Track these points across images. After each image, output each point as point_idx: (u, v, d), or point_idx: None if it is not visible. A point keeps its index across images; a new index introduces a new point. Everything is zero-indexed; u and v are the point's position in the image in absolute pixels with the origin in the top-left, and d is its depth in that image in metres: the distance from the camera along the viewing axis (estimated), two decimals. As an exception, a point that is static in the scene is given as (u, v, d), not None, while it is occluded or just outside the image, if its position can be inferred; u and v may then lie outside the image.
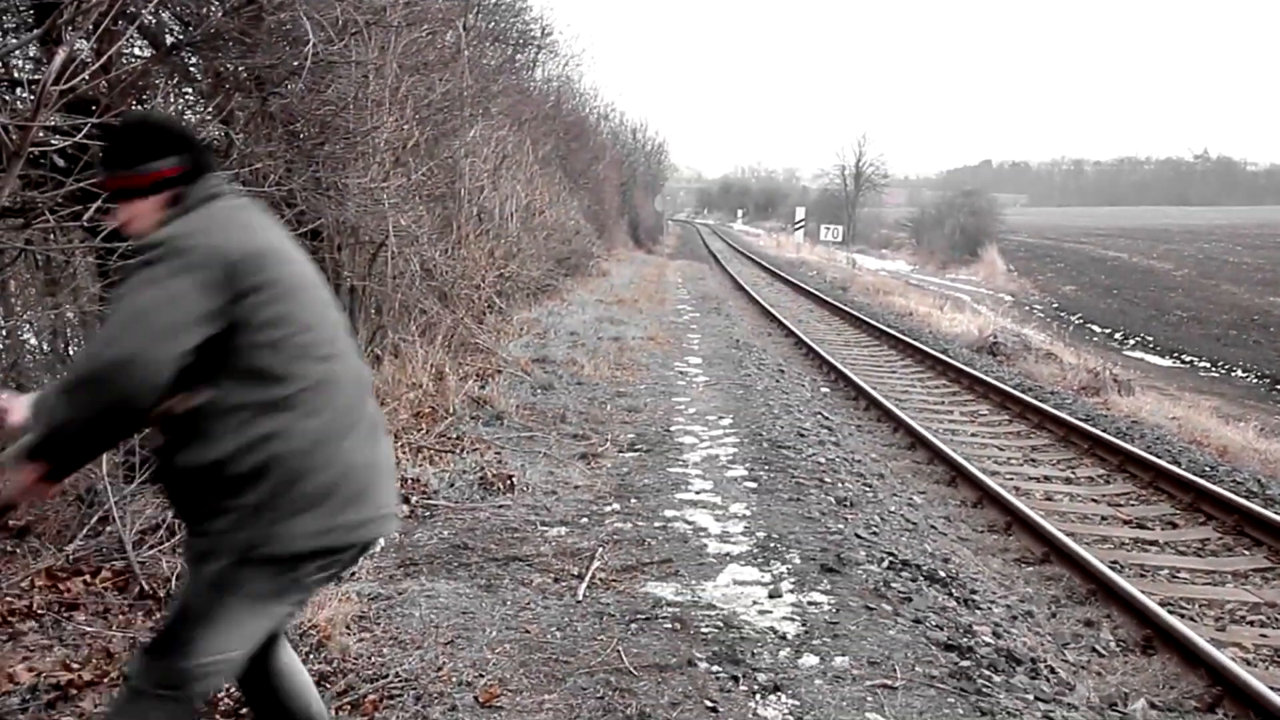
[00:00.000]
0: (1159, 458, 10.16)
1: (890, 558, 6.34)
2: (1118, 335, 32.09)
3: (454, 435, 7.99)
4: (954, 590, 6.13)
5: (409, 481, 6.74)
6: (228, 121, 7.31)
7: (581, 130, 33.07)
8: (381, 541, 5.67)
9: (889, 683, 4.47)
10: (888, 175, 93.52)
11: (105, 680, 3.92)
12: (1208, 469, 10.19)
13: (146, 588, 4.72)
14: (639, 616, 4.98)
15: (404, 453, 7.24)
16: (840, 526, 6.88)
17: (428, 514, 6.41)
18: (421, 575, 5.36)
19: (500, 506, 6.65)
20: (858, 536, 6.70)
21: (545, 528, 6.30)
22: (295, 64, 7.27)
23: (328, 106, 8.49)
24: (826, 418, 11.27)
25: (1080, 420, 11.94)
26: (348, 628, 4.56)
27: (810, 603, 5.38)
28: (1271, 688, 5.19)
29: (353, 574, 5.25)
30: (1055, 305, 39.21)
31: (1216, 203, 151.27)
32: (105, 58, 4.89)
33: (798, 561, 6.05)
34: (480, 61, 15.78)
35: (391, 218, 9.36)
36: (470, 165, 12.97)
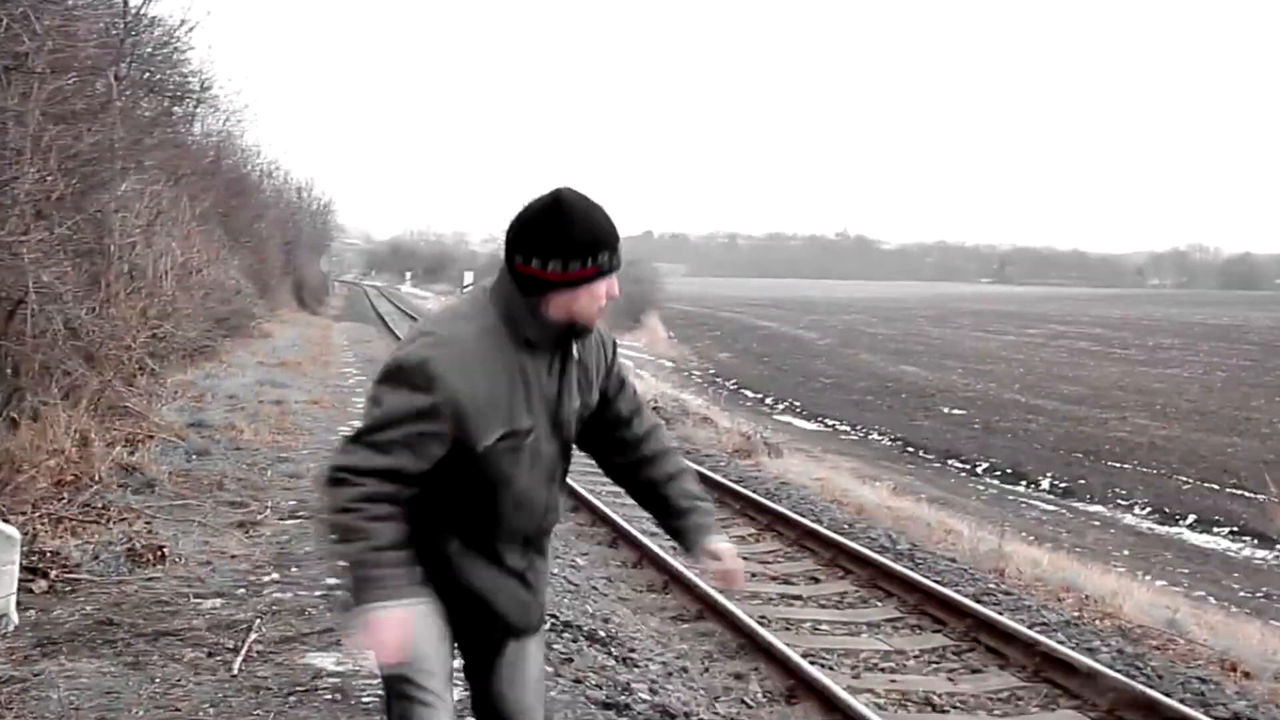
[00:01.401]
0: (804, 517, 10.83)
1: (552, 619, 6.47)
2: (768, 400, 33.92)
3: (99, 504, 7.52)
4: (613, 649, 6.32)
5: (48, 555, 6.30)
6: None
7: (243, 187, 32.10)
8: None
9: (550, 742, 4.56)
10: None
11: None
12: (846, 526, 10.94)
13: None
14: (298, 689, 4.86)
15: (43, 524, 6.76)
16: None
17: (69, 589, 6.02)
18: (61, 655, 5.03)
19: (150, 579, 6.33)
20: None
21: (199, 600, 6.05)
22: (-76, 107, 6.77)
23: (-39, 154, 7.93)
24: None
25: (733, 482, 12.57)
26: (-25, 715, 4.23)
27: (474, 666, 5.41)
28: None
29: (-19, 657, 4.87)
30: (712, 371, 41.06)
31: (855, 277, 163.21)
32: None
33: (462, 626, 6.06)
34: (134, 112, 15.09)
35: (32, 273, 8.79)
36: (121, 220, 12.36)
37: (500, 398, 2.46)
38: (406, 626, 2.39)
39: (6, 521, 5.69)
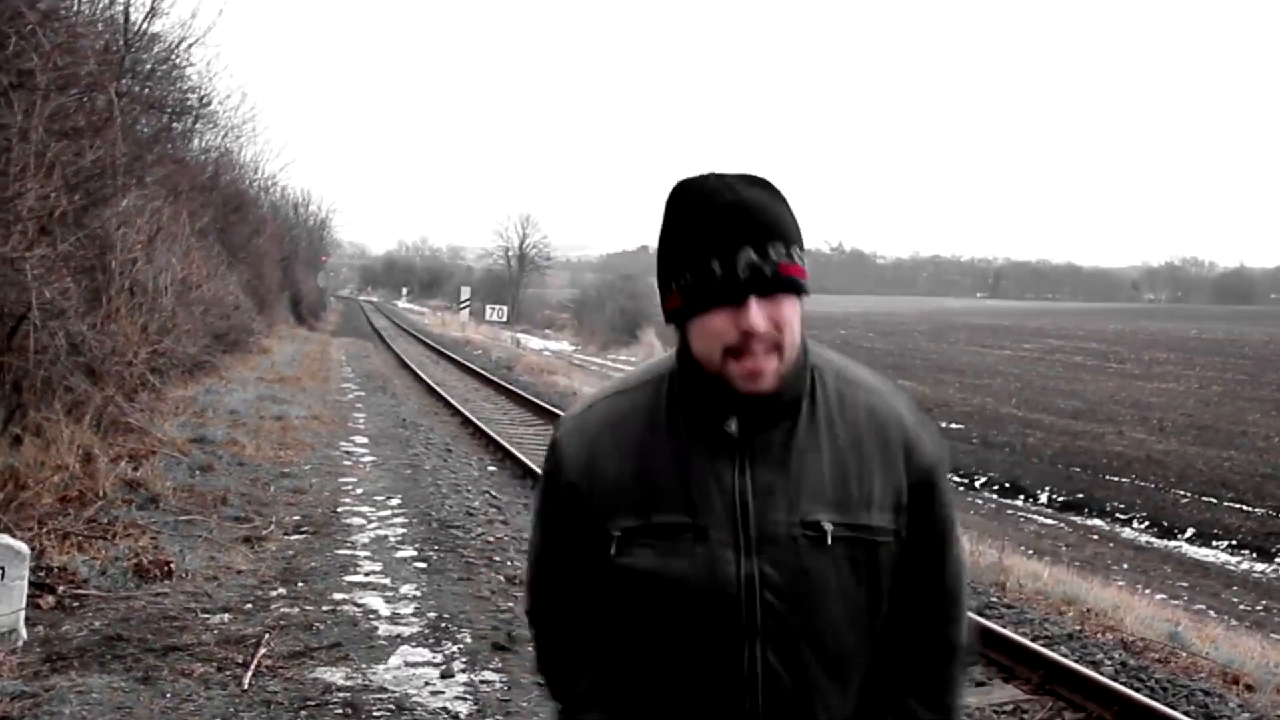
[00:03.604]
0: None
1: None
2: (766, 415, 33.83)
3: (105, 520, 7.55)
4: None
5: (55, 570, 6.32)
6: None
7: (241, 203, 32.12)
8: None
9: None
10: (550, 257, 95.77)
11: None
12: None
13: None
14: (308, 703, 4.88)
15: (50, 540, 6.78)
16: (510, 604, 6.98)
17: (77, 604, 6.04)
18: (71, 670, 5.04)
19: (158, 594, 6.35)
20: (528, 614, 6.81)
21: (207, 615, 6.06)
22: (-69, 124, 6.80)
23: (-34, 170, 7.97)
24: (495, 496, 11.37)
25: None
26: (-11, 730, 4.24)
27: (483, 681, 5.44)
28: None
29: (-8, 672, 4.88)
30: (709, 386, 41.03)
31: (851, 291, 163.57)
32: None
33: (469, 640, 6.10)
34: (134, 129, 15.13)
35: (35, 289, 8.82)
36: (123, 236, 12.38)
37: (631, 479, 1.70)
38: None
39: (14, 537, 5.70)
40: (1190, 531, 19.30)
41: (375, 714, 4.83)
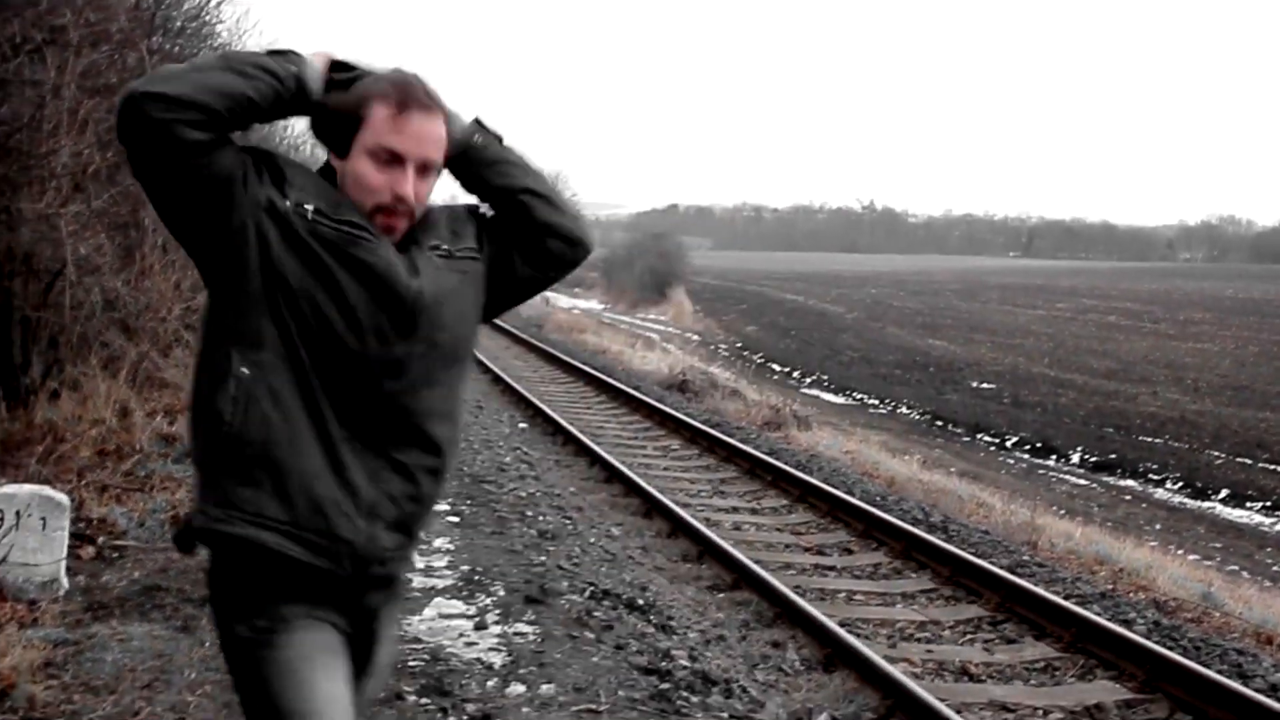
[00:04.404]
0: (835, 489, 10.84)
1: (591, 587, 6.53)
2: (796, 373, 33.84)
3: (142, 473, 7.63)
4: (652, 617, 6.37)
5: (95, 522, 6.40)
6: (-113, 138, 6.78)
7: (272, 160, 32.18)
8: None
9: (594, 707, 4.62)
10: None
11: None
12: (878, 499, 10.96)
13: None
14: (343, 652, 4.92)
15: (89, 492, 6.85)
16: (543, 558, 7.03)
17: (116, 555, 6.11)
18: (112, 619, 5.11)
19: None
20: (560, 568, 6.87)
21: (243, 567, 6.12)
22: (-34, 80, 6.84)
23: (1, 127, 8.02)
24: (526, 452, 11.43)
25: (764, 454, 12.57)
26: (34, 675, 4.30)
27: (516, 633, 5.49)
28: (939, 699, 5.66)
29: (35, 619, 4.95)
30: (739, 344, 41.03)
31: (881, 250, 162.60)
32: None
33: (502, 593, 6.15)
34: (167, 86, 15.15)
35: (70, 245, 8.88)
36: (156, 193, 12.42)
37: (331, 208, 2.14)
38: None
39: (55, 489, 5.77)
40: (1224, 492, 19.20)
41: (411, 664, 4.88)
